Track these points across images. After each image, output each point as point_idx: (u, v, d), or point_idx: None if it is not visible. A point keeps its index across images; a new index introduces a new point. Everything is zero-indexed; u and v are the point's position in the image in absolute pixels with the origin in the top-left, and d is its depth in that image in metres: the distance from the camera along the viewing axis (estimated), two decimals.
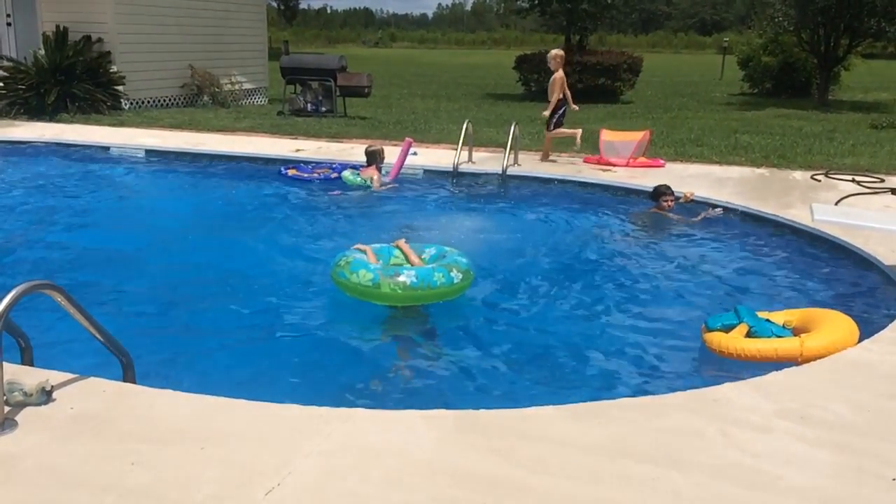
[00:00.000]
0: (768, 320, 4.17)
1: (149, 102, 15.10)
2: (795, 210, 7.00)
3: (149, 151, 10.09)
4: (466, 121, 9.27)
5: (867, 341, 3.92)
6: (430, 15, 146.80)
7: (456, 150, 9.01)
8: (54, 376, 3.13)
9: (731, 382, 3.39)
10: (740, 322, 4.10)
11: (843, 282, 5.52)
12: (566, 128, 9.66)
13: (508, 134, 8.98)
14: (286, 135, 11.89)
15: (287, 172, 8.71)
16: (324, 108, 14.84)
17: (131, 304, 4.89)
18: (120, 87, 14.11)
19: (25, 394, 2.93)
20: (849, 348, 3.82)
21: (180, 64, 15.63)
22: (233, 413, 2.98)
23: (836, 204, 7.29)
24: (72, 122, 12.48)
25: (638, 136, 9.51)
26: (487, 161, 9.42)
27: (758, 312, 4.27)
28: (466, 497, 2.46)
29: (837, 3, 17.34)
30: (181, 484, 2.48)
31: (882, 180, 8.46)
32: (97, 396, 3.05)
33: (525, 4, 24.09)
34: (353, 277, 4.55)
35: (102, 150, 10.22)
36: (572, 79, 19.12)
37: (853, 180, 8.44)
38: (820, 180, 8.53)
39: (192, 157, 9.89)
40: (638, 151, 9.31)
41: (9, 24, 14.39)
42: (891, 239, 5.94)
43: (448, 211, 7.81)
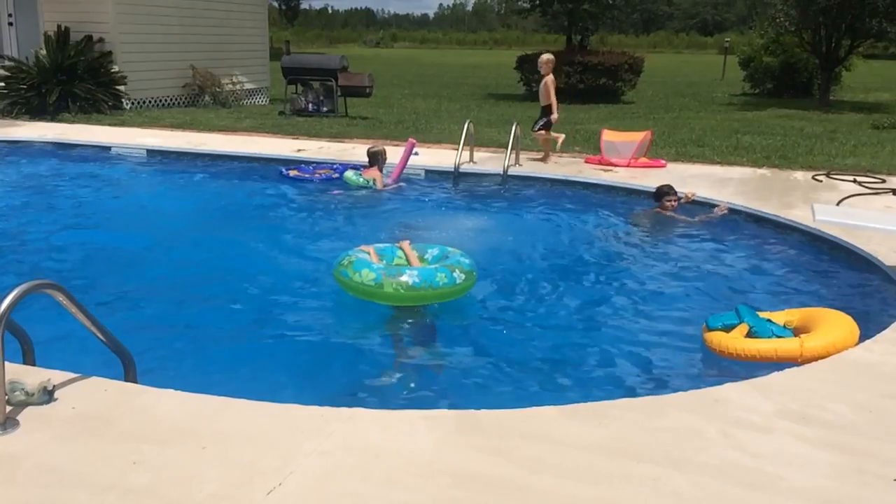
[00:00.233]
0: (769, 320, 4.17)
1: (150, 102, 15.11)
2: (797, 210, 7.00)
3: (150, 151, 10.09)
4: (468, 121, 9.26)
5: (868, 342, 3.92)
6: (432, 15, 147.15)
7: (457, 150, 9.00)
8: (56, 376, 3.14)
9: (731, 382, 3.39)
10: (741, 322, 4.10)
11: (844, 282, 5.51)
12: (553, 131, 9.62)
13: (510, 134, 8.97)
14: (287, 135, 11.88)
15: (288, 173, 8.70)
16: (325, 108, 14.84)
17: (132, 304, 4.90)
18: (121, 87, 14.12)
19: (27, 393, 2.94)
20: (850, 349, 3.81)
21: (182, 64, 15.63)
22: (234, 413, 2.98)
23: (838, 204, 7.29)
24: (73, 122, 12.49)
25: (639, 137, 9.50)
26: (488, 161, 9.42)
27: (759, 312, 4.27)
28: (467, 497, 2.46)
29: (839, 3, 17.30)
30: (182, 483, 2.49)
31: (883, 181, 8.45)
32: (99, 396, 3.06)
33: (526, 5, 24.14)
34: (355, 277, 4.55)
35: (104, 149, 10.22)
36: (573, 79, 19.31)
37: (854, 181, 8.43)
38: (821, 181, 8.53)
39: (194, 157, 9.89)
40: (639, 152, 9.30)
41: (10, 23, 14.42)
42: (892, 239, 5.94)
43: (449, 211, 7.80)
